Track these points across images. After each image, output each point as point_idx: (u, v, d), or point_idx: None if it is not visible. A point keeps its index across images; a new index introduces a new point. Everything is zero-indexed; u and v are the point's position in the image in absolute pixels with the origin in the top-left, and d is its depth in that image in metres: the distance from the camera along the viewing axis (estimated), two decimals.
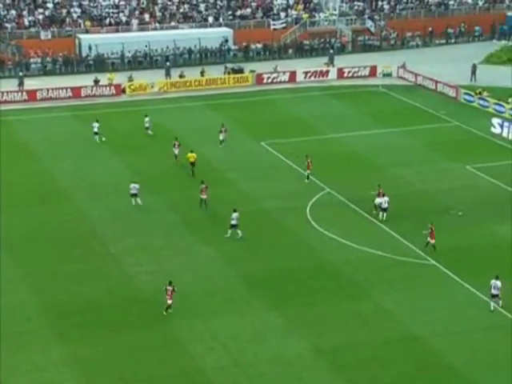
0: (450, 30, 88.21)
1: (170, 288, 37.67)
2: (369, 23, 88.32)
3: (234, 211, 44.72)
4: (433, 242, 43.14)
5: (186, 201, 49.68)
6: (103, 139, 59.01)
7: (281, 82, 75.29)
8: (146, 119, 61.00)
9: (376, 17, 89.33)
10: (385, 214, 46.67)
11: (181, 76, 74.21)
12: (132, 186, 48.76)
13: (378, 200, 46.99)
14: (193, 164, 53.21)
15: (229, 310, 38.14)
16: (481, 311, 38.11)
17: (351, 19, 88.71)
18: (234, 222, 44.65)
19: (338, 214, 48.10)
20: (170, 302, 37.58)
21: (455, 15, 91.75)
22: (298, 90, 73.73)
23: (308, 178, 51.44)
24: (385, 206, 46.68)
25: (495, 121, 61.79)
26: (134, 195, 48.67)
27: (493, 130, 61.33)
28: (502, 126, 61.05)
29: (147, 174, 53.63)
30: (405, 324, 37.10)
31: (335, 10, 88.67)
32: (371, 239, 44.77)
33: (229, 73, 76.43)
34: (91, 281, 40.50)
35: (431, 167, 54.91)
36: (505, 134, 60.45)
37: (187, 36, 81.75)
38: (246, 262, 42.55)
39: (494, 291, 37.94)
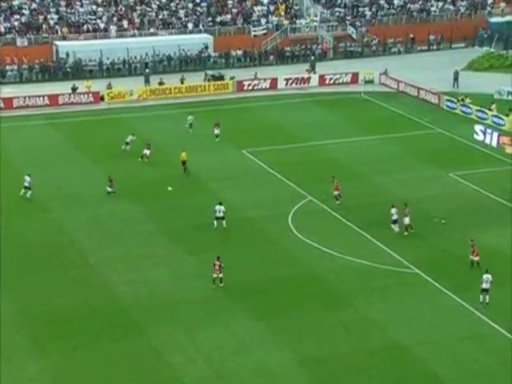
0: (432, 37, 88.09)
1: (217, 263, 39.98)
2: (350, 29, 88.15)
3: (220, 204, 46.04)
4: (476, 259, 41.74)
5: (167, 210, 49.23)
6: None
7: (262, 89, 74.92)
8: (130, 137, 58.68)
9: (357, 23, 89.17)
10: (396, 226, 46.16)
11: (160, 83, 73.69)
12: (25, 178, 50.14)
13: (405, 219, 46.05)
14: (184, 163, 53.70)
15: (212, 320, 37.75)
16: (464, 319, 37.88)
17: (332, 26, 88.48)
18: (219, 215, 45.95)
19: (320, 222, 47.78)
20: (221, 275, 40.06)
21: (437, 22, 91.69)
22: (279, 97, 73.42)
23: (337, 199, 49.22)
24: (395, 217, 46.00)
25: (478, 128, 61.64)
26: (27, 188, 49.90)
27: (475, 136, 61.17)
28: (484, 133, 60.89)
29: (126, 182, 53.02)
30: (389, 333, 36.80)
31: (316, 16, 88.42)
32: (354, 248, 44.48)
33: (209, 80, 75.99)
34: (70, 292, 39.91)
35: (414, 175, 54.66)
36: (487, 141, 60.31)
37: (166, 43, 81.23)
38: (229, 270, 41.89)
39: (485, 285, 37.88)
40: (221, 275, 40.20)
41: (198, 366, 34.29)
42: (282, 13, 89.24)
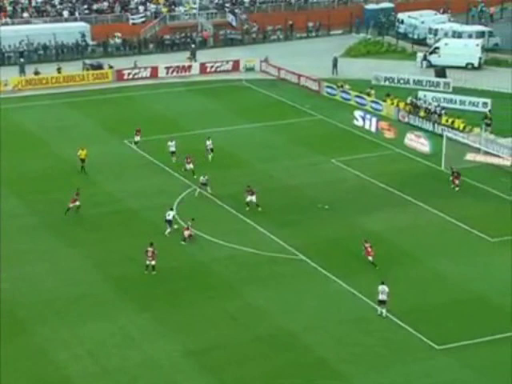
0: (310, 24, 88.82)
1: (150, 249, 39.93)
2: (230, 17, 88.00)
3: (171, 209, 45.12)
4: (370, 258, 41.35)
5: (49, 204, 48.16)
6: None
7: (142, 78, 74.02)
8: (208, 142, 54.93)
9: (237, 10, 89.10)
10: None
11: (36, 73, 71.85)
12: None
13: (248, 197, 46.96)
14: (83, 161, 52.24)
15: (96, 314, 37.27)
16: (349, 304, 38.42)
17: (212, 13, 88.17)
18: (168, 218, 44.62)
19: (205, 211, 47.49)
20: (153, 262, 39.91)
21: (315, 9, 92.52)
22: (161, 85, 72.72)
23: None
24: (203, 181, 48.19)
25: (357, 113, 62.46)
26: None
27: (355, 122, 61.95)
28: (363, 119, 61.70)
29: (6, 176, 51.58)
30: (276, 320, 37.02)
31: (195, 3, 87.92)
32: (240, 236, 44.50)
33: (87, 69, 74.55)
34: None
35: (297, 161, 54.96)
36: (367, 127, 61.15)
37: (41, 31, 79.20)
38: (113, 264, 41.61)
39: (381, 297, 37.03)
40: (153, 262, 40.00)
41: (83, 362, 33.87)
42: (161, 0, 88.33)
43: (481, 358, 34.23)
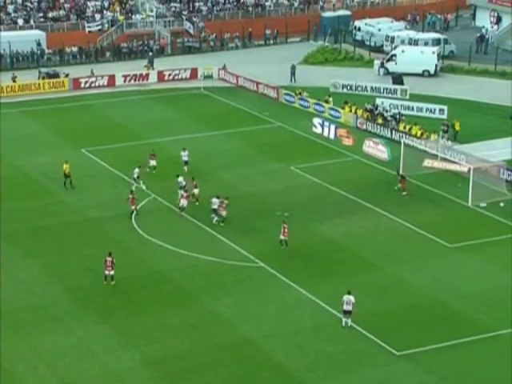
0: (268, 31, 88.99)
1: (109, 259, 39.48)
2: (187, 25, 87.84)
3: (217, 197, 46.40)
4: (284, 238, 43.20)
5: (5, 213, 47.48)
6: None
7: (99, 87, 73.50)
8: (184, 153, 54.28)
9: (194, 18, 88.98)
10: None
11: None
12: None
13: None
14: (67, 176, 51.01)
15: (54, 326, 36.90)
16: (309, 311, 38.41)
17: (169, 21, 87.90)
18: (214, 207, 46.20)
19: (164, 220, 47.33)
20: (112, 272, 39.54)
21: (272, 16, 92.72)
22: (118, 94, 72.25)
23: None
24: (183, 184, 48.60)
25: (316, 121, 62.62)
26: None
27: (314, 129, 62.14)
28: (322, 126, 61.91)
29: None
30: (236, 328, 36.93)
31: (152, 11, 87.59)
32: (199, 244, 44.32)
33: (43, 78, 73.83)
34: None
35: (256, 169, 54.92)
36: (325, 134, 61.34)
37: None
38: (71, 275, 41.19)
39: (346, 307, 36.72)
40: (112, 272, 39.61)
41: (40, 374, 33.54)
42: (117, 8, 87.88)
43: (441, 364, 34.40)
